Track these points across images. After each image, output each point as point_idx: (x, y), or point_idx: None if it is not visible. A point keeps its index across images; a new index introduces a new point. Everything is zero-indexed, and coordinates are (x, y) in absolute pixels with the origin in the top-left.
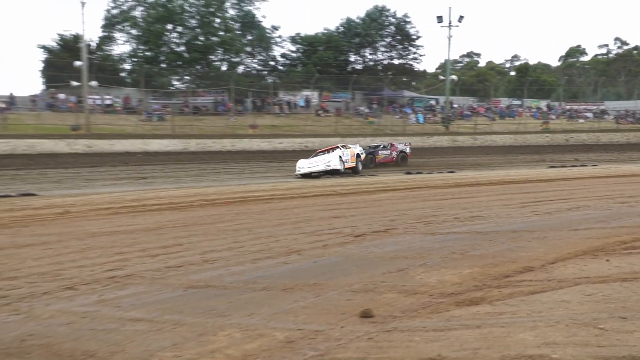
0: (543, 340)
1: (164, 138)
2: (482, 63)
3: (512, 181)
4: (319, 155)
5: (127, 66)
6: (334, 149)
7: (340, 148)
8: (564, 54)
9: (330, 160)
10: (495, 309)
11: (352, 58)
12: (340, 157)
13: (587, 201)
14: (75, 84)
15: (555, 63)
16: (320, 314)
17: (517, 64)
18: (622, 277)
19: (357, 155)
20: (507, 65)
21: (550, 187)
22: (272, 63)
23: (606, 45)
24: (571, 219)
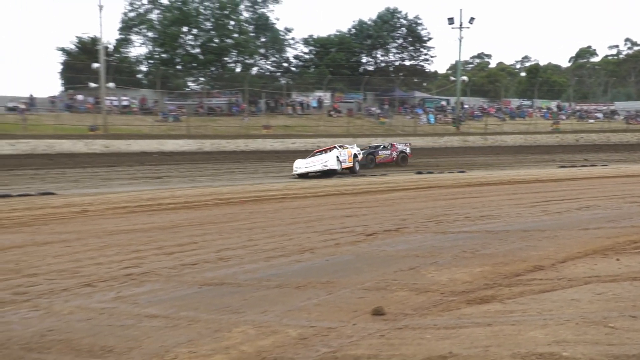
0: (553, 338)
1: (179, 138)
2: (493, 64)
3: (522, 181)
4: (316, 156)
5: (143, 68)
6: (331, 149)
7: (338, 148)
8: (574, 54)
9: (328, 161)
10: (505, 307)
11: (364, 59)
12: (337, 157)
13: (597, 201)
14: (93, 85)
15: (565, 64)
16: (332, 311)
17: (528, 64)
18: (633, 276)
19: (355, 155)
20: (518, 66)
21: (560, 187)
22: (285, 64)
23: (616, 46)
24: (581, 218)
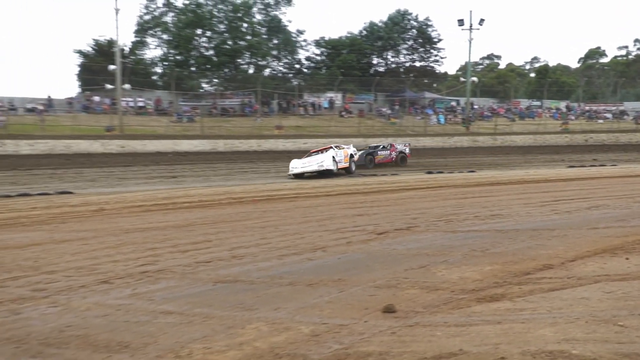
0: (563, 336)
1: (193, 139)
2: (502, 65)
3: (531, 180)
4: (312, 156)
5: (158, 70)
6: (327, 149)
7: (334, 148)
8: (583, 55)
9: (324, 161)
10: (515, 305)
11: (375, 61)
12: (333, 157)
13: (606, 200)
14: (109, 87)
15: (574, 65)
16: (344, 308)
17: (537, 65)
18: None
19: (351, 155)
20: (527, 67)
21: (569, 187)
22: (297, 66)
23: (626, 47)
24: (590, 217)
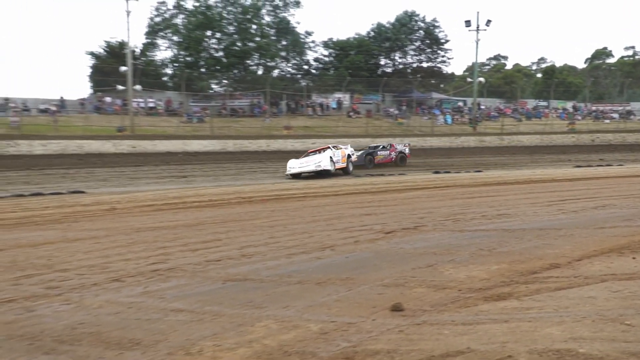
0: (570, 335)
1: (203, 139)
2: (509, 65)
3: (538, 180)
4: (310, 156)
5: (168, 71)
6: (325, 149)
7: (332, 148)
8: (590, 56)
9: (321, 161)
10: (522, 304)
11: (383, 61)
12: (331, 157)
13: (613, 200)
14: (120, 88)
15: (581, 65)
16: (352, 307)
17: (544, 66)
18: None
19: (348, 155)
20: (534, 67)
21: (576, 186)
22: (305, 67)
23: (632, 47)
24: (597, 217)
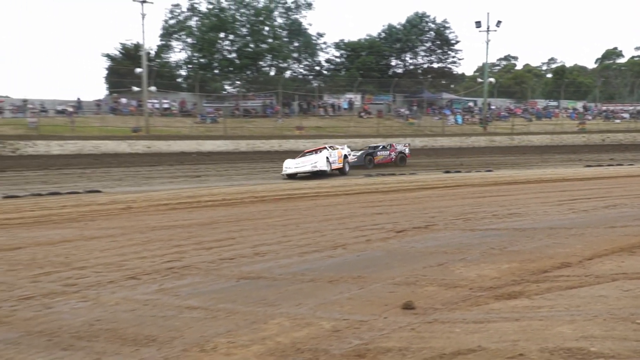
0: (581, 333)
1: (216, 139)
2: (519, 66)
3: (549, 180)
4: (306, 156)
5: (183, 72)
6: (321, 149)
7: (328, 149)
8: (600, 56)
9: (317, 162)
10: (533, 302)
11: (393, 62)
12: (327, 158)
13: (623, 199)
14: (136, 89)
15: (591, 65)
16: (364, 305)
17: (554, 66)
18: None
19: (345, 156)
20: (544, 67)
21: (586, 186)
22: (317, 68)
23: None
24: (608, 216)
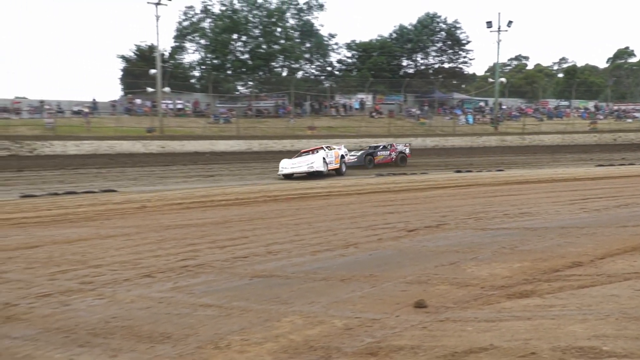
0: (593, 332)
1: (229, 139)
2: (530, 66)
3: (560, 179)
4: (302, 156)
5: (196, 73)
6: (318, 150)
7: (325, 149)
8: (612, 55)
9: (314, 162)
10: (545, 301)
11: (405, 62)
12: (324, 158)
13: (635, 199)
14: (150, 90)
15: (603, 65)
16: (376, 303)
17: (565, 66)
18: None
19: (342, 156)
20: (555, 67)
21: (598, 185)
22: (329, 68)
23: None
24: (620, 215)
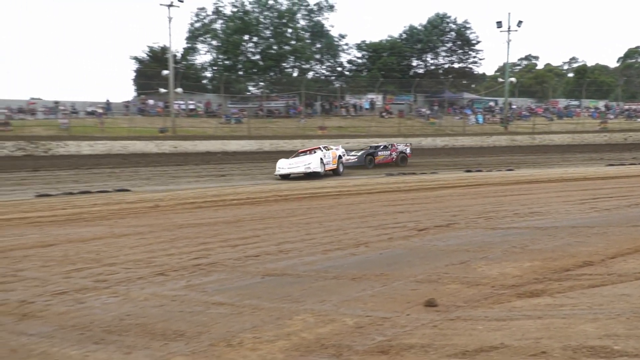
0: (604, 332)
1: (241, 139)
2: (540, 65)
3: (570, 178)
4: (300, 156)
5: (208, 74)
6: (315, 150)
7: (322, 149)
8: (622, 55)
9: (311, 163)
10: (555, 300)
11: (415, 63)
12: (321, 159)
13: None
14: (162, 90)
15: (613, 64)
16: (387, 302)
17: (575, 65)
18: None
19: (339, 157)
20: (565, 67)
21: (608, 185)
22: (339, 69)
23: None
24: (630, 215)
